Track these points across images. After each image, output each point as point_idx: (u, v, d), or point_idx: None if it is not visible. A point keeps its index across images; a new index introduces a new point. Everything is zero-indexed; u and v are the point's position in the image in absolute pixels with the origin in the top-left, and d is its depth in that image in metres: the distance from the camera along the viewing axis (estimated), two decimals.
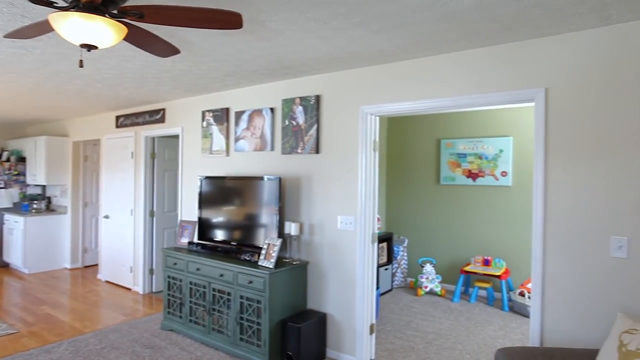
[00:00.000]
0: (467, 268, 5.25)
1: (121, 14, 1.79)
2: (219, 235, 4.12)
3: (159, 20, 1.83)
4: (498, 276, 4.98)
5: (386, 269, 5.58)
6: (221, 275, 3.69)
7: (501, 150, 5.39)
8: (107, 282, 6.04)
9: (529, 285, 4.82)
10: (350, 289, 3.50)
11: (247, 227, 3.90)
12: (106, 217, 6.00)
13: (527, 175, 5.23)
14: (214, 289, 3.76)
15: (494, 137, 5.44)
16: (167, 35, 2.69)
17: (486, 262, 5.29)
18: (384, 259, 5.65)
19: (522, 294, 4.80)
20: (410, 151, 6.13)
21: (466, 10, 2.24)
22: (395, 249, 5.85)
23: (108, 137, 5.98)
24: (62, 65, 3.40)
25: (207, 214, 4.22)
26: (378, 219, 5.47)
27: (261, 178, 3.81)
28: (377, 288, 4.54)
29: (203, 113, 4.63)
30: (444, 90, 3.04)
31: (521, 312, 4.77)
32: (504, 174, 5.37)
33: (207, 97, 4.63)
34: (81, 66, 1.89)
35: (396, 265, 5.83)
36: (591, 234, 2.50)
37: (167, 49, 2.34)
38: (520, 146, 5.29)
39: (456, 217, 5.73)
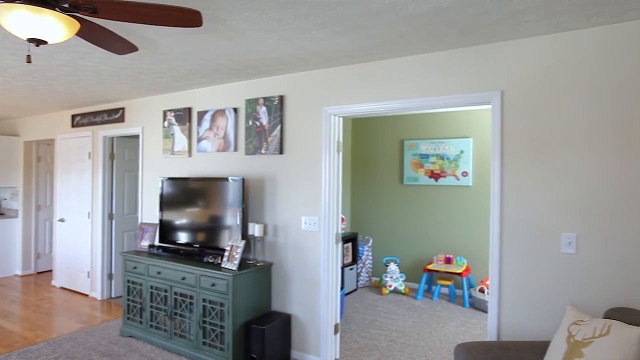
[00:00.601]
0: (430, 266, 5.37)
1: (73, 8, 1.72)
2: (181, 237, 4.03)
3: (113, 16, 1.77)
4: (459, 274, 5.12)
5: (351, 269, 5.62)
6: (183, 279, 3.61)
7: (462, 151, 5.55)
8: (62, 288, 5.78)
9: (489, 280, 4.99)
10: (314, 290, 3.51)
11: (210, 229, 3.83)
12: (61, 220, 5.74)
13: (487, 176, 5.41)
14: (175, 293, 3.67)
15: (455, 139, 5.60)
16: (124, 32, 2.60)
17: (448, 260, 5.43)
18: (349, 259, 5.70)
19: (482, 291, 4.95)
20: (375, 152, 6.21)
21: (425, 14, 2.30)
22: (360, 248, 5.90)
23: (63, 136, 5.73)
24: (10, 60, 3.23)
25: (169, 216, 4.11)
26: (342, 219, 5.52)
27: (224, 179, 3.75)
28: (342, 288, 4.57)
29: (164, 113, 4.52)
30: (406, 92, 3.10)
31: (481, 308, 4.93)
32: (464, 174, 5.53)
33: (169, 96, 4.52)
34: (29, 62, 1.80)
35: (361, 265, 5.89)
36: (544, 232, 2.61)
37: (124, 47, 2.27)
38: (480, 147, 5.47)
39: (419, 216, 5.86)
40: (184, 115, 4.35)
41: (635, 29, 2.36)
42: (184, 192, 4.02)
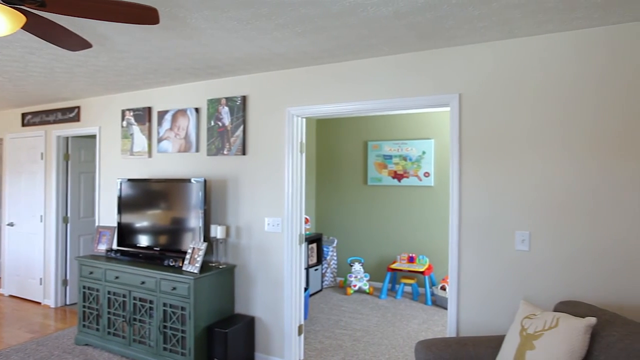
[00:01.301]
0: (394, 266, 5.46)
1: (18, 1, 1.64)
2: (141, 240, 3.91)
3: (63, 11, 1.70)
4: (422, 272, 5.23)
5: (316, 270, 5.63)
6: (143, 283, 3.50)
7: (424, 152, 5.67)
8: (12, 296, 5.48)
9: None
10: (278, 291, 3.49)
11: (171, 232, 3.74)
12: (10, 224, 5.44)
13: (448, 176, 5.56)
14: (134, 298, 3.56)
15: (417, 140, 5.72)
16: (77, 28, 2.50)
17: (411, 259, 5.53)
18: (314, 260, 5.71)
19: (443, 288, 5.08)
20: (339, 153, 6.26)
21: (385, 17, 2.33)
22: (324, 249, 5.92)
23: (12, 136, 5.44)
24: None
25: (128, 218, 3.98)
26: (307, 220, 5.52)
27: (185, 180, 3.67)
28: (307, 289, 4.57)
29: (123, 112, 4.37)
30: (368, 94, 3.14)
31: (443, 305, 5.05)
32: (426, 174, 5.66)
33: (128, 95, 4.38)
34: None
35: (326, 265, 5.92)
36: (499, 230, 2.71)
37: (76, 43, 2.18)
38: (441, 148, 5.61)
39: (383, 216, 5.94)
40: (143, 115, 4.23)
41: (580, 37, 2.49)
42: (144, 194, 3.91)
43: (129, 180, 4.00)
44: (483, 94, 2.76)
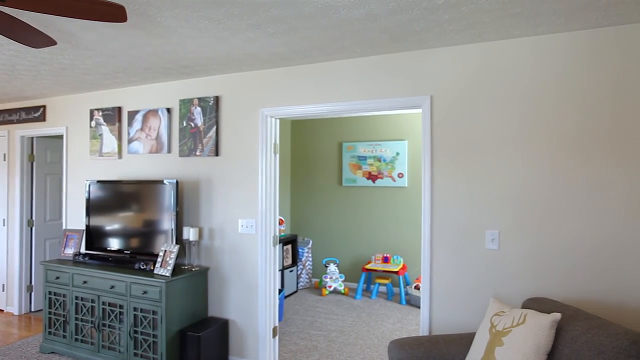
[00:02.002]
0: (368, 266, 5.49)
1: None
2: (111, 244, 3.80)
3: (24, 6, 1.64)
4: (396, 272, 5.29)
5: (291, 271, 5.62)
6: (112, 287, 3.41)
7: (398, 153, 5.74)
8: None
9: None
10: (252, 293, 3.46)
11: (142, 234, 3.66)
12: None
13: (420, 176, 5.65)
14: (104, 303, 3.46)
15: (391, 141, 5.78)
16: (40, 24, 2.42)
17: (385, 260, 5.59)
18: (289, 261, 5.69)
19: (417, 288, 5.15)
20: (314, 154, 6.26)
21: (357, 19, 2.35)
22: (300, 250, 5.92)
23: None
24: None
25: (97, 221, 3.87)
26: (282, 221, 5.50)
27: (157, 182, 3.60)
28: (282, 290, 4.55)
29: (91, 112, 4.25)
30: (341, 95, 3.15)
31: (417, 304, 5.12)
32: (400, 175, 5.73)
33: (96, 94, 4.26)
34: None
35: (301, 266, 5.91)
36: (470, 229, 2.77)
37: (39, 40, 2.10)
38: (415, 149, 5.69)
39: (358, 217, 5.98)
40: (113, 115, 4.12)
41: (544, 42, 2.58)
42: (114, 196, 3.81)
43: (98, 181, 3.89)
44: (453, 96, 2.82)
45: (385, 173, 5.81)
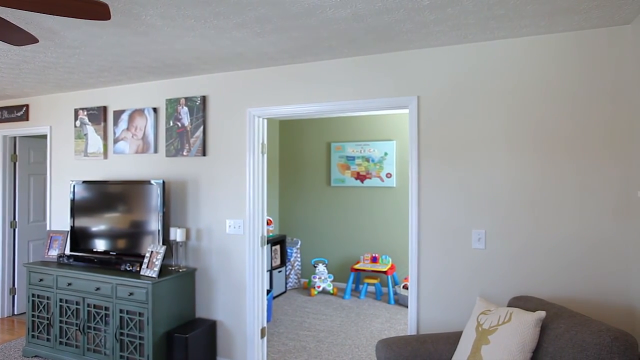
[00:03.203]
0: (357, 266, 5.50)
1: None
2: (96, 245, 3.75)
3: (3, 2, 1.60)
4: (385, 272, 5.30)
5: (280, 271, 5.60)
6: (97, 289, 3.36)
7: (386, 153, 5.76)
8: None
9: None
10: (240, 294, 3.44)
11: (127, 235, 3.61)
12: None
13: (408, 177, 5.67)
14: (89, 305, 3.41)
15: (379, 141, 5.80)
16: (22, 21, 2.37)
17: (374, 259, 5.60)
18: (278, 261, 5.67)
19: (405, 287, 5.17)
20: (302, 154, 6.25)
21: (344, 19, 2.35)
22: (288, 250, 5.90)
23: None
24: None
25: (82, 222, 3.82)
26: (270, 222, 5.48)
27: (143, 182, 3.56)
28: (270, 291, 4.54)
29: (76, 111, 4.19)
30: (329, 95, 3.15)
31: (405, 304, 5.14)
32: (389, 175, 5.75)
33: (81, 93, 4.20)
34: None
35: (290, 267, 5.89)
36: (457, 229, 2.78)
37: (21, 37, 2.07)
38: (402, 149, 5.72)
39: (347, 217, 5.99)
40: (98, 115, 4.07)
41: (528, 44, 2.61)
42: (99, 197, 3.76)
43: (83, 182, 3.84)
44: (440, 97, 2.84)
45: (373, 173, 5.83)
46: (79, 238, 3.83)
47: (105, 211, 3.72)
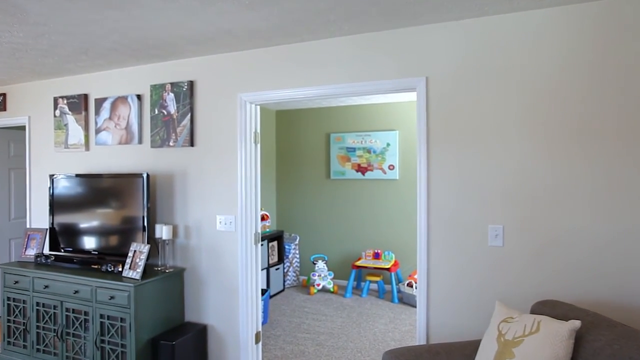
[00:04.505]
0: (358, 263, 5.23)
1: None
2: (76, 244, 3.47)
3: None
4: (388, 269, 5.03)
5: (277, 269, 5.33)
6: (76, 292, 3.08)
7: (388, 144, 5.46)
8: None
9: (417, 276, 4.95)
10: (232, 296, 3.16)
11: (110, 233, 3.33)
12: None
13: (412, 168, 5.38)
14: (67, 309, 3.13)
15: (381, 131, 5.50)
16: None
17: (376, 256, 5.32)
18: (275, 259, 5.40)
19: (410, 285, 4.89)
20: (300, 146, 5.95)
21: None
22: (286, 247, 5.62)
23: None
24: None
25: (61, 219, 3.53)
26: (267, 217, 5.20)
27: (127, 175, 3.27)
28: (267, 290, 4.26)
29: (55, 100, 3.89)
30: (328, 78, 2.85)
31: (410, 302, 4.87)
32: (391, 167, 5.45)
33: (60, 80, 3.90)
34: None
35: (288, 264, 5.62)
36: (471, 224, 2.50)
37: None
38: (406, 140, 5.42)
39: (347, 211, 5.70)
40: (79, 103, 3.77)
41: (549, 16, 2.30)
42: (80, 192, 3.47)
43: (63, 176, 3.55)
44: (452, 78, 2.54)
45: (375, 165, 5.53)
46: (59, 236, 3.55)
47: (87, 207, 3.43)
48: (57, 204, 3.57)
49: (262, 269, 4.88)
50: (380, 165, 5.51)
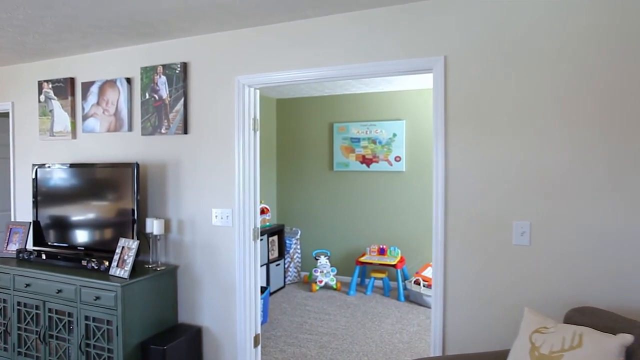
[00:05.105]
0: (363, 259, 4.98)
1: None
2: (62, 239, 3.22)
3: None
4: (394, 265, 4.79)
5: (278, 265, 5.09)
6: (59, 292, 2.84)
7: (394, 134, 5.19)
8: None
9: (424, 273, 4.70)
10: (229, 296, 2.92)
11: (98, 227, 3.08)
12: None
13: (420, 160, 5.11)
14: (50, 310, 2.89)
15: (387, 121, 5.23)
16: None
17: (382, 251, 5.08)
18: (275, 254, 5.16)
19: (417, 283, 4.65)
20: (302, 136, 5.68)
21: None
22: (287, 242, 5.38)
23: None
24: None
25: (45, 212, 3.29)
26: (267, 210, 4.94)
27: (115, 165, 3.02)
28: (267, 288, 4.02)
29: (40, 84, 3.62)
30: (334, 58, 2.58)
31: (417, 301, 4.63)
32: (397, 158, 5.19)
33: (45, 63, 3.62)
34: None
35: (289, 259, 5.38)
36: (494, 220, 2.24)
37: None
38: (413, 130, 5.15)
39: (351, 205, 5.44)
40: (64, 87, 3.50)
41: None
42: (65, 183, 3.22)
43: (46, 166, 3.29)
44: (474, 57, 2.26)
45: (380, 156, 5.27)
46: (43, 230, 3.30)
47: (73, 199, 3.18)
48: (41, 196, 3.32)
49: (261, 265, 4.64)
50: (386, 157, 5.24)
